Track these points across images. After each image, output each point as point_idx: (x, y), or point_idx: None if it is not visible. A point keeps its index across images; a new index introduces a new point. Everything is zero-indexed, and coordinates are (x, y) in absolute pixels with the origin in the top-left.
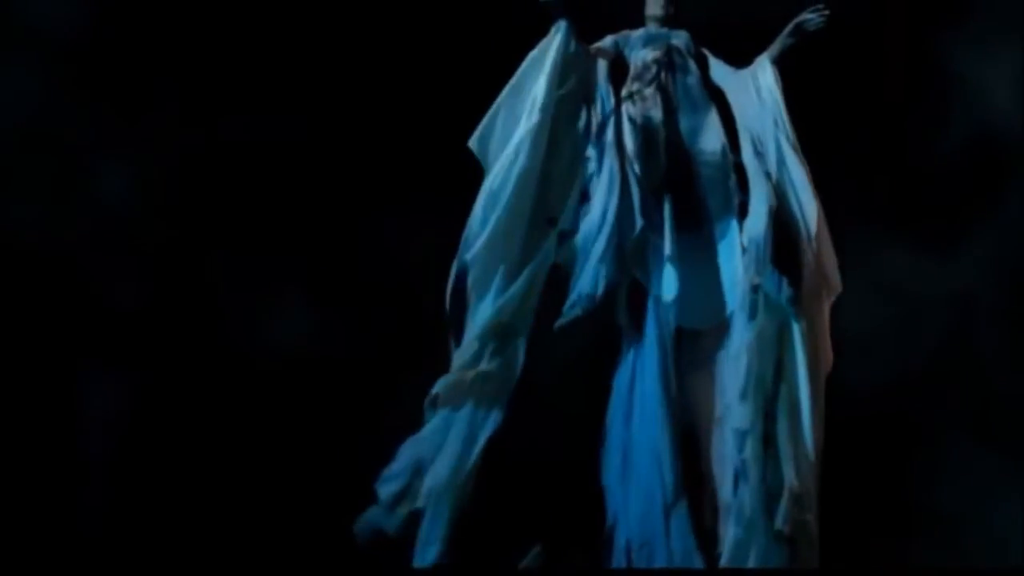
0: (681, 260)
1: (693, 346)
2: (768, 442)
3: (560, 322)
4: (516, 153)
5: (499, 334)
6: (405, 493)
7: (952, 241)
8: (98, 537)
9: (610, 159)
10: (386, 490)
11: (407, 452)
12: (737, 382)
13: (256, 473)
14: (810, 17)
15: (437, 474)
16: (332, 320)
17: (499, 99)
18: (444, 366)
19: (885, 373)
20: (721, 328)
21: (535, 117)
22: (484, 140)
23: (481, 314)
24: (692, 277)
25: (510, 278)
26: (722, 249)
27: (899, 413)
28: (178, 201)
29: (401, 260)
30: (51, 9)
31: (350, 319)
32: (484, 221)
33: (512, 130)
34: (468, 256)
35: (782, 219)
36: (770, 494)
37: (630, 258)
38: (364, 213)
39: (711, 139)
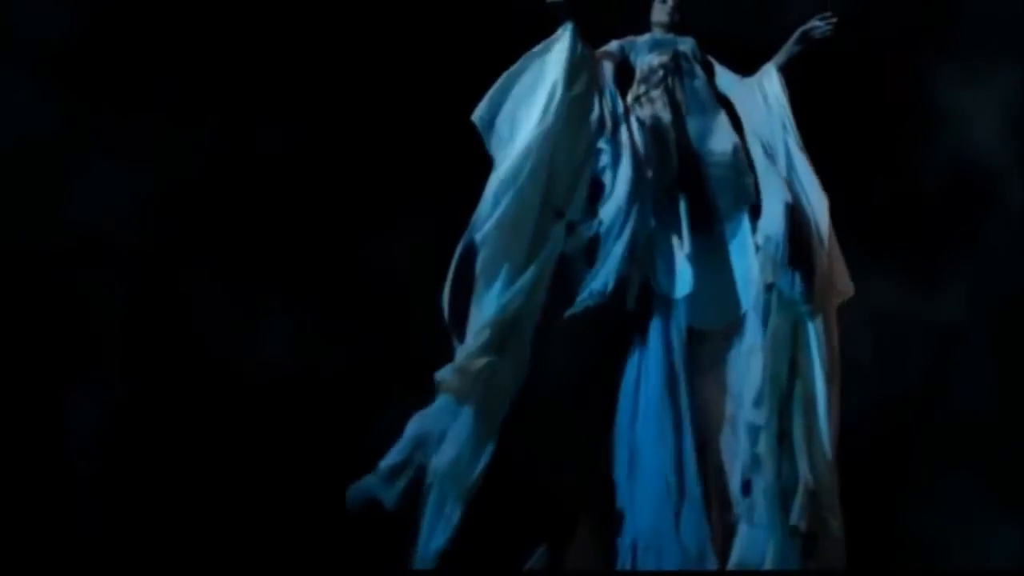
0: (694, 260)
1: (704, 345)
2: (783, 438)
3: (571, 311)
4: (528, 151)
5: (506, 328)
6: (405, 465)
7: (937, 270)
8: (92, 543)
9: (625, 159)
10: (386, 462)
11: (410, 428)
12: (752, 381)
13: (252, 482)
14: (817, 24)
15: (443, 464)
16: (324, 331)
17: (507, 76)
18: None
19: (871, 400)
20: (733, 327)
21: (549, 119)
22: (491, 113)
23: (487, 306)
24: (704, 278)
25: (518, 270)
26: (734, 249)
27: (885, 438)
28: (171, 210)
29: (395, 272)
30: (46, 12)
31: (344, 330)
32: (495, 204)
33: (520, 113)
34: (478, 236)
35: (795, 219)
36: (785, 491)
37: (642, 258)
38: (359, 224)
39: (721, 140)
